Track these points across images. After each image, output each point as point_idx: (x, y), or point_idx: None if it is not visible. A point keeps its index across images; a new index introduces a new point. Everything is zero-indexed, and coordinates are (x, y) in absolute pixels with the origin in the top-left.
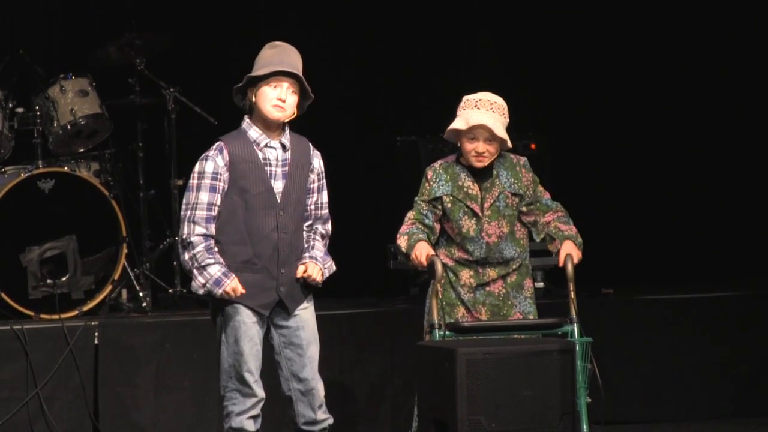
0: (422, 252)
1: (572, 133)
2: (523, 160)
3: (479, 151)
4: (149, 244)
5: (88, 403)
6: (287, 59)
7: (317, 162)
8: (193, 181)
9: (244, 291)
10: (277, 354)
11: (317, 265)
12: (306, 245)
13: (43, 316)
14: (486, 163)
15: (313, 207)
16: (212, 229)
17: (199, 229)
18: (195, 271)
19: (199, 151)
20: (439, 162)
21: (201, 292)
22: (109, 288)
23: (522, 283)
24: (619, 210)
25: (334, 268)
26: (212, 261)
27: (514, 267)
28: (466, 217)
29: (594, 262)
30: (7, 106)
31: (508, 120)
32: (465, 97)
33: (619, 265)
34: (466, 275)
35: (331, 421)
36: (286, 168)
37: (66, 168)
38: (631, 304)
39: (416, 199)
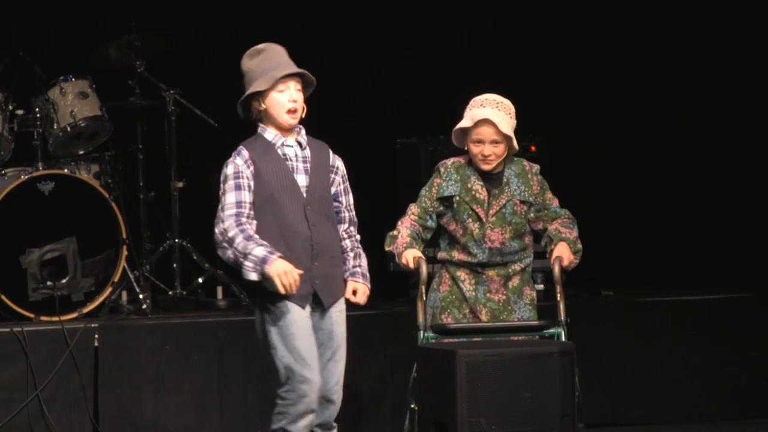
0: (410, 257)
1: (572, 135)
2: (536, 168)
3: (485, 154)
4: (149, 246)
5: (88, 405)
6: (282, 59)
7: (339, 164)
8: (221, 187)
9: (299, 270)
10: None
11: (365, 286)
12: (349, 254)
13: (43, 318)
14: (493, 166)
15: (345, 211)
16: (246, 224)
17: (231, 224)
18: (241, 260)
19: (199, 153)
20: (452, 160)
21: (254, 277)
22: (109, 290)
23: (522, 289)
24: (619, 211)
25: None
26: (253, 245)
27: (516, 269)
28: (471, 219)
29: (595, 264)
30: (7, 108)
31: (515, 122)
32: (472, 99)
33: (620, 267)
34: (464, 273)
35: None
36: (307, 164)
37: (66, 170)
38: (632, 306)
39: (423, 192)
